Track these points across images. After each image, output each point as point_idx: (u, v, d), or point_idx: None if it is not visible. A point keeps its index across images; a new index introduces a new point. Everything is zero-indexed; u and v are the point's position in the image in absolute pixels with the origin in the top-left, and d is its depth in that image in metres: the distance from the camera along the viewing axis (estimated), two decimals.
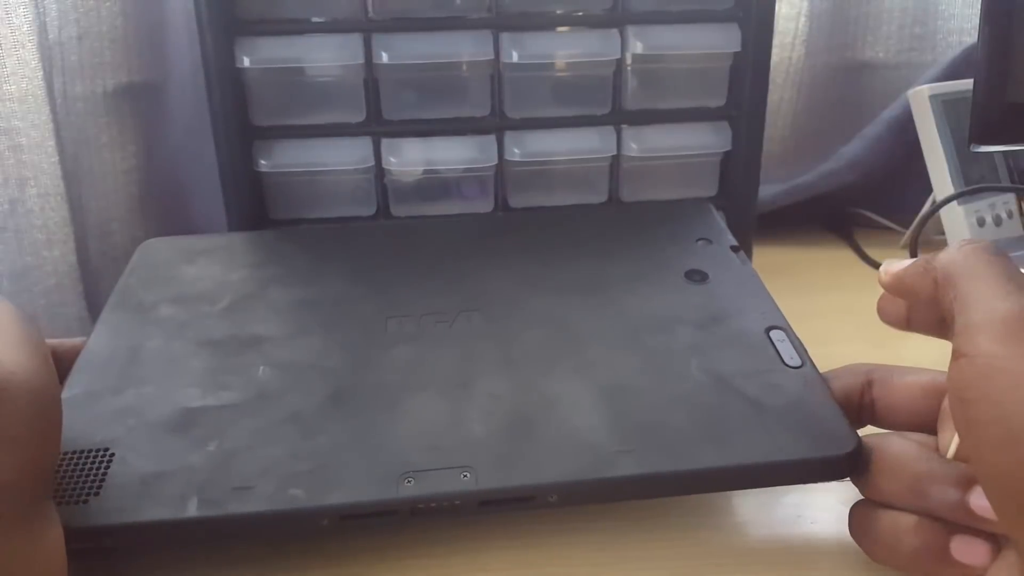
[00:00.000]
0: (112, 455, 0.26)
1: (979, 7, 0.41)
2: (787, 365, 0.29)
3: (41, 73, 0.41)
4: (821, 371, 0.29)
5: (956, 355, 0.22)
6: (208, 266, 0.36)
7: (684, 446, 0.26)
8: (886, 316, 0.27)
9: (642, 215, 0.41)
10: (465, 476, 0.25)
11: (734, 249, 0.36)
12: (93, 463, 0.25)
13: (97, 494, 0.24)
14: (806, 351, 0.30)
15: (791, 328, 0.31)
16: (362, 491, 0.25)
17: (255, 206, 0.43)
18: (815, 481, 0.26)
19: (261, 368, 0.30)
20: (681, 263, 0.35)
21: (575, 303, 0.33)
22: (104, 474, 0.25)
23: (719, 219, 0.39)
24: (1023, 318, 0.21)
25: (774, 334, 0.30)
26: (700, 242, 0.37)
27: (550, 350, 0.30)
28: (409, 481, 0.25)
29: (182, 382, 0.29)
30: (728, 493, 0.29)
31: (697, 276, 0.34)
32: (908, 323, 0.27)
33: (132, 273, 0.36)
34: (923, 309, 0.26)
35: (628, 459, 0.25)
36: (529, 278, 0.34)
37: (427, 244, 0.38)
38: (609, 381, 0.28)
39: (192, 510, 0.24)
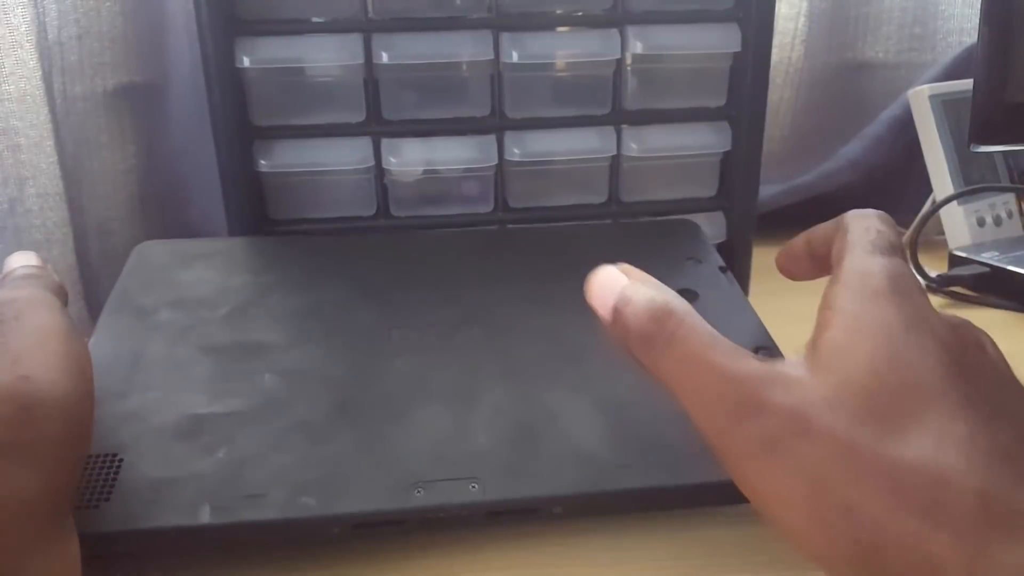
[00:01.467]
0: (121, 461, 0.26)
1: (979, 7, 0.41)
2: None
3: (40, 73, 0.41)
4: None
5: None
6: (206, 270, 0.36)
7: (684, 460, 0.26)
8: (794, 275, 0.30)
9: (631, 234, 0.42)
10: (473, 487, 0.25)
11: (722, 269, 0.37)
12: (103, 469, 0.25)
13: (108, 499, 0.24)
14: None
15: (777, 348, 0.31)
16: (373, 500, 0.25)
17: (255, 206, 0.43)
18: None
19: (266, 376, 0.30)
20: (671, 282, 0.35)
21: (573, 319, 0.33)
22: (114, 480, 0.25)
23: (707, 239, 0.40)
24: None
25: (761, 353, 0.31)
26: (689, 261, 0.38)
27: (550, 364, 0.31)
28: (419, 491, 0.25)
29: (187, 388, 0.29)
30: None
31: (687, 295, 0.35)
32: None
33: (129, 276, 0.35)
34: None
35: (630, 473, 0.26)
36: (527, 294, 0.35)
37: (426, 255, 0.38)
38: (608, 396, 0.29)
39: (205, 517, 0.24)
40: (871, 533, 0.18)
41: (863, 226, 0.25)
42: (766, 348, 0.31)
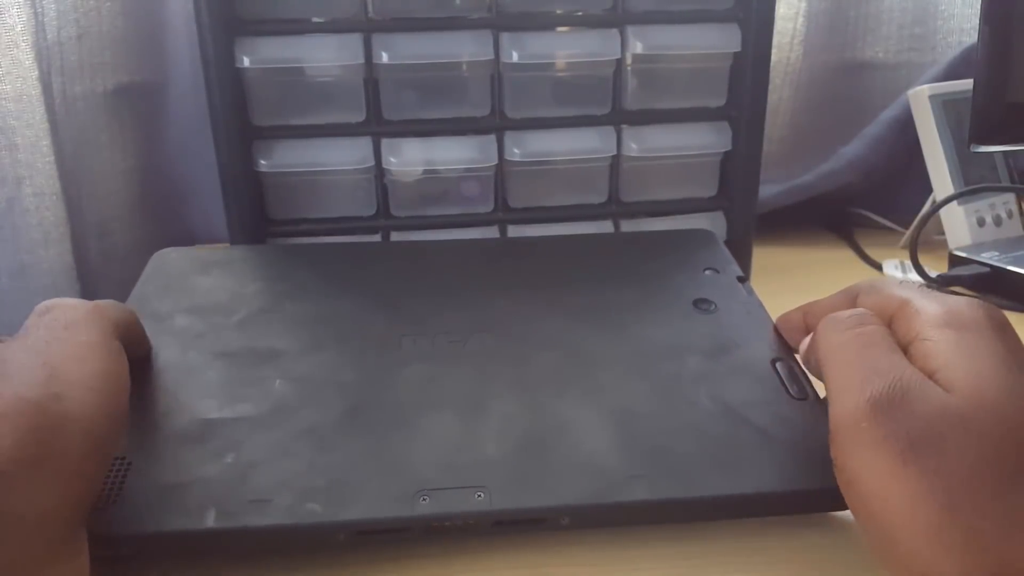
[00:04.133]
0: (129, 464, 0.26)
1: (979, 7, 0.41)
2: (792, 397, 0.29)
3: (36, 73, 0.41)
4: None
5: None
6: (222, 278, 0.36)
7: (695, 473, 0.26)
8: None
9: (649, 243, 0.41)
10: (479, 496, 0.25)
11: (740, 280, 0.37)
12: (111, 472, 0.25)
13: (115, 502, 0.24)
14: (810, 383, 0.30)
15: (797, 361, 0.31)
16: (378, 507, 0.25)
17: (255, 206, 0.43)
18: (822, 511, 0.27)
19: (277, 381, 0.30)
20: (689, 292, 0.35)
21: (586, 328, 0.33)
22: (122, 483, 0.25)
23: (725, 249, 0.40)
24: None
25: (779, 366, 0.31)
26: (707, 272, 0.37)
27: (562, 374, 0.30)
28: (424, 499, 0.25)
29: (198, 393, 0.29)
30: None
31: (705, 305, 0.35)
32: None
33: (146, 282, 0.36)
34: None
35: (640, 484, 0.26)
36: (540, 304, 0.35)
37: (437, 266, 0.38)
38: (620, 406, 0.29)
39: (210, 521, 0.24)
40: (997, 562, 0.19)
41: (885, 283, 0.27)
42: (784, 360, 0.31)
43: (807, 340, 0.28)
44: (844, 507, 0.26)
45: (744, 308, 0.35)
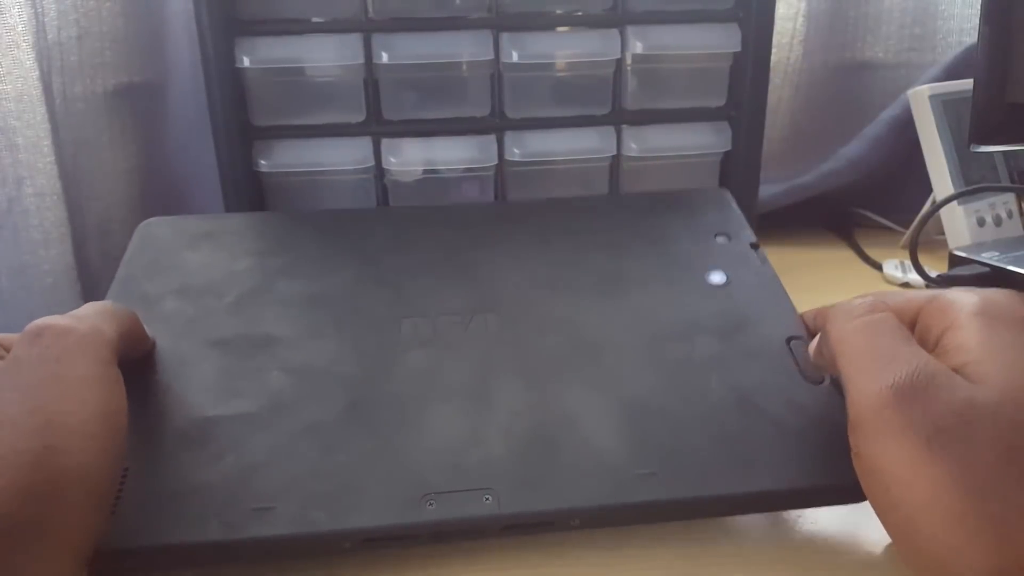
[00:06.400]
0: (126, 470, 0.25)
1: (979, 7, 0.41)
2: (808, 381, 0.29)
3: (37, 73, 0.41)
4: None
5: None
6: (212, 252, 0.34)
7: (707, 470, 0.25)
8: None
9: (659, 205, 0.38)
10: (487, 499, 0.24)
11: (754, 247, 0.35)
12: None
13: (113, 512, 0.24)
14: None
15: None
16: (384, 514, 0.24)
17: (255, 206, 0.43)
18: (837, 504, 0.26)
19: (274, 373, 0.28)
20: (700, 262, 0.34)
21: (592, 304, 0.32)
22: (120, 492, 0.24)
23: (738, 211, 0.38)
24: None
25: (795, 345, 0.30)
26: (719, 238, 0.36)
27: (568, 360, 0.29)
28: (431, 504, 0.24)
29: (194, 387, 0.28)
30: None
31: (717, 278, 0.34)
32: None
33: (133, 260, 0.34)
34: None
35: (650, 483, 0.25)
36: (543, 275, 0.33)
37: (435, 233, 0.36)
38: (629, 396, 0.28)
39: (212, 533, 0.23)
40: (1021, 552, 0.18)
41: (890, 293, 0.26)
42: (800, 338, 0.30)
43: (815, 341, 0.28)
44: (858, 500, 0.25)
45: (758, 280, 0.33)
